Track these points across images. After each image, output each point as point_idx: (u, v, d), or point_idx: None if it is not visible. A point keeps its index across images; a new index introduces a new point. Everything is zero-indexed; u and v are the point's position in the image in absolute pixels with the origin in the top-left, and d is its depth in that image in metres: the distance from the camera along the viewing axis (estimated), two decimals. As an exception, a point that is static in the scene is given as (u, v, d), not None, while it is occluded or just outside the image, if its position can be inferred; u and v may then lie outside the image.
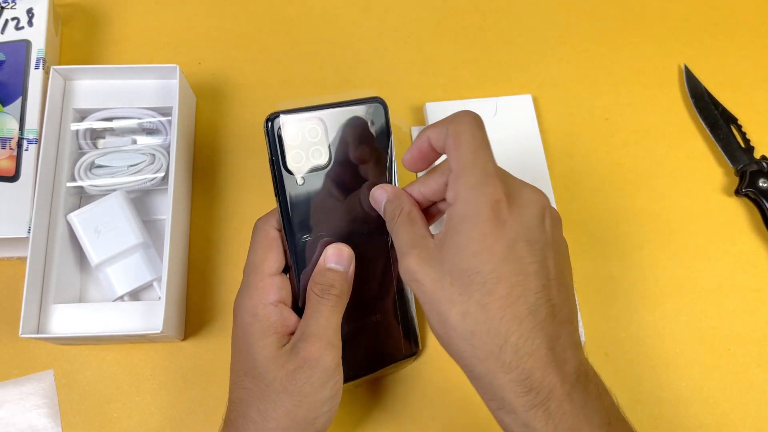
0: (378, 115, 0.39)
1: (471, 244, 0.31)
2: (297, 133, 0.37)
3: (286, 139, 0.37)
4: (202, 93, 0.53)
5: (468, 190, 0.32)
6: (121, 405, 0.45)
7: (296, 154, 0.37)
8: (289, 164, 0.37)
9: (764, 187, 0.50)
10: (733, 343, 0.47)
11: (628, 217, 0.51)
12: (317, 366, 0.34)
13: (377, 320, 0.41)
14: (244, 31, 0.55)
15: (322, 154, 0.38)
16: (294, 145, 0.37)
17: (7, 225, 0.45)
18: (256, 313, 0.35)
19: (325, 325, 0.35)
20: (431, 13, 0.57)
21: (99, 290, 0.47)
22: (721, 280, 0.49)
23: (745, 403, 0.46)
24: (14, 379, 0.45)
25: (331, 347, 0.34)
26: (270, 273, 0.36)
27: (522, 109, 0.52)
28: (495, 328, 0.31)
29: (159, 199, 0.49)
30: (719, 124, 0.53)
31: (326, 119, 0.38)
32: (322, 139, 0.38)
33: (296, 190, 0.37)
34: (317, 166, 0.38)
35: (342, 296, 0.36)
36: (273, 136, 0.37)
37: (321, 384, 0.34)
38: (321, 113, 0.38)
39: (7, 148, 0.47)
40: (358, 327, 0.40)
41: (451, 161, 0.34)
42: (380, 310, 0.41)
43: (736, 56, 0.56)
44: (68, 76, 0.48)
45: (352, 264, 0.37)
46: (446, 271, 0.32)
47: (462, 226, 0.32)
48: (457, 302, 0.31)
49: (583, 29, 0.57)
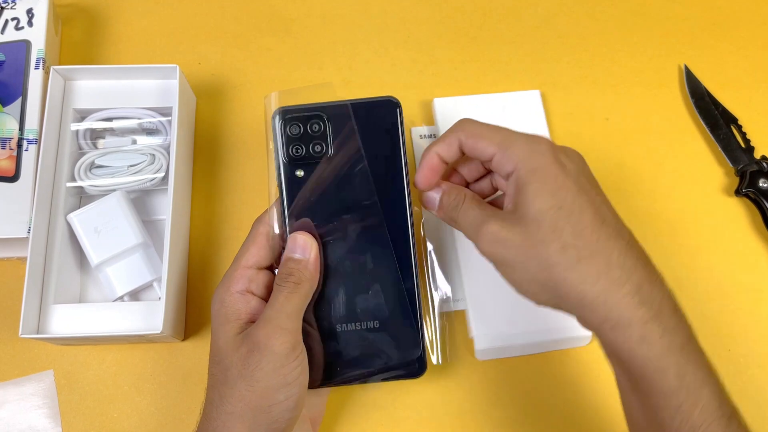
0: (388, 114, 0.38)
1: (547, 186, 0.34)
2: (300, 125, 0.38)
3: (288, 131, 0.37)
4: (202, 93, 0.53)
5: (525, 150, 0.36)
6: (121, 405, 0.45)
7: (297, 147, 0.38)
8: (289, 155, 0.38)
9: (764, 187, 0.50)
10: (733, 343, 0.47)
11: (627, 217, 0.50)
12: (266, 350, 0.34)
13: (376, 326, 0.39)
14: (244, 31, 0.55)
15: (324, 149, 0.38)
16: (295, 138, 0.38)
17: (7, 225, 0.45)
18: (223, 300, 0.37)
19: (279, 309, 0.35)
20: (431, 13, 0.57)
21: (99, 290, 0.47)
22: (721, 280, 0.49)
23: (745, 403, 0.46)
24: (14, 379, 0.45)
25: (283, 332, 0.34)
26: (245, 265, 0.37)
27: (530, 105, 0.52)
28: (597, 250, 0.33)
29: (159, 199, 0.49)
30: (719, 124, 0.53)
31: (331, 114, 0.38)
32: (324, 134, 0.38)
33: (296, 182, 0.38)
34: (318, 160, 0.38)
35: (301, 283, 0.36)
36: (276, 126, 0.37)
37: (272, 370, 0.34)
38: (326, 108, 0.38)
39: (7, 148, 0.47)
40: (351, 328, 0.38)
41: (486, 146, 0.37)
42: (381, 315, 0.39)
43: (736, 56, 0.56)
44: (68, 76, 0.48)
45: (313, 251, 0.37)
46: (531, 219, 0.34)
47: (533, 177, 0.35)
48: (552, 239, 0.33)
49: (583, 29, 0.56)
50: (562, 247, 0.33)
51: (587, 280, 0.33)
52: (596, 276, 0.33)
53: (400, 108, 0.39)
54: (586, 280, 0.33)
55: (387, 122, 0.38)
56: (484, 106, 0.51)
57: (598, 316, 0.33)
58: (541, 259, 0.33)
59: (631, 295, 0.32)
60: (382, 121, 0.38)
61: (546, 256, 0.33)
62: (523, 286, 0.35)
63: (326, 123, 0.38)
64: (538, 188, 0.34)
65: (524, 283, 0.35)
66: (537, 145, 0.36)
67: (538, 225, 0.34)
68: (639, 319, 0.32)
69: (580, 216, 0.34)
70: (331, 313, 0.38)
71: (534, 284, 0.34)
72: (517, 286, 0.36)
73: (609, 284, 0.32)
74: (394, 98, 0.39)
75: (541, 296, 0.35)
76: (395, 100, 0.39)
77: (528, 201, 0.34)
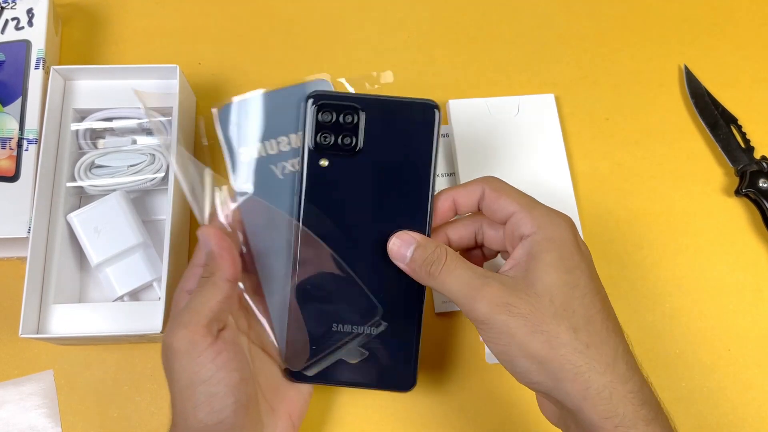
0: (426, 117, 0.37)
1: (564, 261, 0.32)
2: (332, 114, 0.36)
3: (318, 117, 0.36)
4: (202, 93, 0.53)
5: (548, 218, 0.34)
6: (121, 405, 0.45)
7: (326, 135, 0.36)
8: (317, 144, 0.36)
9: (764, 187, 0.50)
10: (733, 343, 0.47)
11: (628, 217, 0.51)
12: (168, 348, 0.33)
13: (376, 332, 0.38)
14: (244, 31, 0.55)
15: (353, 141, 0.37)
16: (326, 126, 0.36)
17: (7, 225, 0.45)
18: (176, 299, 0.37)
19: (184, 307, 0.34)
20: (431, 13, 0.57)
21: (99, 290, 0.47)
22: (721, 280, 0.49)
23: (745, 403, 0.46)
24: (14, 379, 0.45)
25: (180, 327, 0.33)
26: (200, 264, 0.36)
27: (544, 108, 0.51)
28: (605, 341, 0.31)
29: (159, 199, 0.49)
30: (719, 124, 0.53)
31: (365, 107, 0.37)
32: (356, 126, 0.36)
33: (319, 171, 0.37)
34: (345, 152, 0.37)
35: (208, 277, 0.34)
36: (307, 111, 0.36)
37: (181, 368, 0.32)
38: (362, 100, 0.37)
39: (7, 148, 0.47)
40: (347, 330, 0.38)
41: (509, 204, 0.35)
42: (383, 322, 0.38)
43: (736, 56, 0.56)
44: (68, 76, 0.48)
45: (219, 242, 0.35)
46: (543, 291, 0.32)
47: (551, 246, 0.33)
48: (564, 317, 0.31)
49: (583, 29, 0.57)
50: (574, 329, 0.31)
51: (595, 368, 0.31)
52: (604, 366, 0.31)
53: (439, 112, 0.37)
54: (595, 369, 0.31)
55: (423, 125, 0.37)
56: (498, 109, 0.51)
57: (600, 411, 0.30)
58: (549, 336, 0.31)
59: (634, 393, 0.31)
60: (418, 123, 0.37)
61: (555, 333, 0.31)
62: (517, 361, 0.32)
63: (360, 115, 0.36)
64: (555, 260, 0.32)
65: (520, 357, 0.32)
66: (560, 218, 0.34)
67: (551, 299, 0.32)
68: (643, 419, 0.30)
69: (592, 301, 0.32)
70: (328, 309, 0.37)
71: (531, 361, 0.31)
72: (509, 359, 0.32)
73: (615, 378, 0.31)
74: (433, 101, 0.37)
75: (535, 376, 0.32)
76: (434, 103, 0.37)
77: (542, 270, 0.32)
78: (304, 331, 0.37)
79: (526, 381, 0.33)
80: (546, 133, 0.51)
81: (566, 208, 0.48)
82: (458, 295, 0.33)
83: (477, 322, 0.33)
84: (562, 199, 0.49)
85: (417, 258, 0.35)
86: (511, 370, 0.33)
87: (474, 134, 0.50)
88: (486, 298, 0.32)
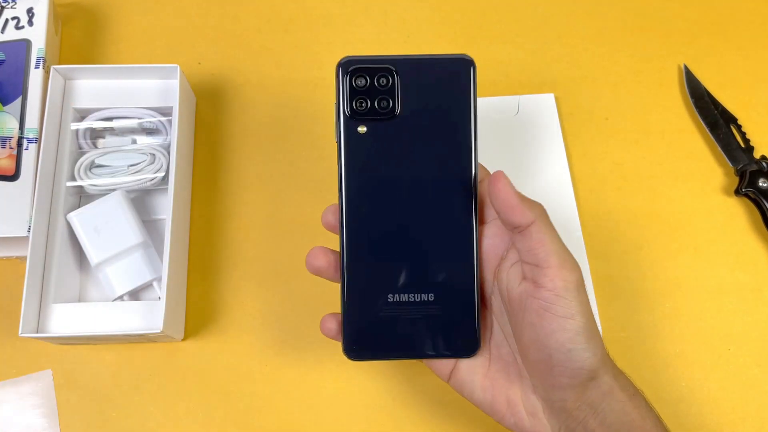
0: (462, 73, 0.35)
1: None
2: (365, 78, 0.35)
3: (352, 83, 0.35)
4: (202, 93, 0.53)
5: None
6: (120, 405, 0.45)
7: (361, 101, 0.35)
8: (353, 110, 0.35)
9: (764, 187, 0.50)
10: (733, 343, 0.47)
11: (628, 217, 0.51)
12: None
13: (431, 299, 0.36)
14: (244, 31, 0.56)
15: (390, 104, 0.35)
16: (360, 91, 0.35)
17: (7, 224, 0.45)
18: None
19: None
20: (431, 13, 0.57)
21: (99, 290, 0.47)
22: (721, 280, 0.49)
23: (745, 403, 0.46)
24: (12, 378, 0.45)
25: None
26: None
27: (544, 108, 0.51)
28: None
29: (159, 198, 0.49)
30: (719, 124, 0.53)
31: (400, 68, 0.36)
32: (391, 89, 0.35)
33: (357, 138, 0.35)
34: (383, 116, 0.35)
35: None
36: (339, 78, 0.35)
37: None
38: (395, 61, 0.36)
39: (7, 148, 0.47)
40: (406, 300, 0.36)
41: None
42: (440, 290, 0.36)
43: (736, 56, 0.56)
44: (68, 75, 0.48)
45: None
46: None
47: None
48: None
49: (582, 29, 0.57)
50: None
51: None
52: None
53: (474, 67, 0.35)
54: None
55: (459, 81, 0.36)
56: (498, 108, 0.51)
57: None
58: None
59: None
60: (455, 80, 0.36)
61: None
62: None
63: (395, 77, 0.35)
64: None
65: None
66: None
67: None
68: None
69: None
70: (382, 280, 0.36)
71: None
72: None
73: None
74: (468, 56, 0.36)
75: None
76: (469, 57, 0.36)
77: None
78: (359, 305, 0.36)
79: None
80: (546, 132, 0.51)
81: (566, 208, 0.48)
82: None
83: None
84: (561, 199, 0.49)
85: None
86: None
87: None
88: None
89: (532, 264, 0.33)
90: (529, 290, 0.33)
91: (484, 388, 0.36)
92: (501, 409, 0.35)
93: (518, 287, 0.34)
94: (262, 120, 0.53)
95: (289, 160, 0.51)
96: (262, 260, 0.49)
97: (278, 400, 0.45)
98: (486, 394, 0.36)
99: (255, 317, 0.47)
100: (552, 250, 0.33)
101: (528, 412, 0.35)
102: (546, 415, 0.35)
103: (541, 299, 0.33)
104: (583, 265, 0.47)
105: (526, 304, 0.33)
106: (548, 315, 0.32)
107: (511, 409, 0.35)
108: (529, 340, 0.34)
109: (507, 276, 0.35)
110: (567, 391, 0.33)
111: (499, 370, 0.36)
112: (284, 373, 0.46)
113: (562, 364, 0.33)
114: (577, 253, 0.46)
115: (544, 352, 0.33)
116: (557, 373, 0.33)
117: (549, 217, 0.34)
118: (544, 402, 0.35)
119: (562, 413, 0.34)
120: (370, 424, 0.45)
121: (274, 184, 0.51)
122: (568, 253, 0.34)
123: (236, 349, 0.46)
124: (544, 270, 0.33)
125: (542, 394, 0.35)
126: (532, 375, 0.35)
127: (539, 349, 0.33)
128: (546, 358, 0.33)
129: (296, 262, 0.48)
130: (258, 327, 0.47)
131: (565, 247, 0.34)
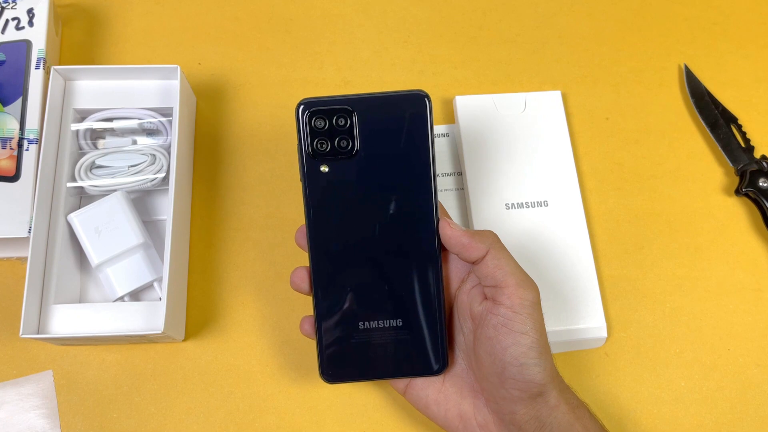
0: (417, 108, 0.37)
1: None
2: (324, 120, 0.37)
3: (312, 125, 0.36)
4: (202, 93, 0.53)
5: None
6: (120, 405, 0.45)
7: (322, 141, 0.37)
8: (314, 150, 0.37)
9: (764, 186, 0.50)
10: (733, 343, 0.47)
11: (628, 217, 0.51)
12: None
13: (400, 324, 0.38)
14: (244, 31, 0.55)
15: (350, 144, 0.37)
16: (320, 132, 0.37)
17: (8, 225, 0.45)
18: None
19: None
20: (431, 13, 0.57)
21: (99, 291, 0.47)
22: (721, 280, 0.49)
23: (745, 403, 0.46)
24: (13, 379, 0.45)
25: None
26: None
27: (550, 105, 0.51)
28: None
29: (159, 199, 0.49)
30: (719, 123, 0.53)
31: (357, 108, 0.37)
32: (350, 129, 0.37)
33: (319, 176, 0.37)
34: (344, 155, 0.37)
35: None
36: (299, 120, 0.37)
37: None
38: (352, 101, 0.37)
39: (7, 148, 0.47)
40: (376, 326, 0.38)
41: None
42: (406, 315, 0.38)
43: (736, 56, 0.56)
44: (68, 76, 0.48)
45: None
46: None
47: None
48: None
49: (583, 29, 0.57)
50: None
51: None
52: None
53: (430, 102, 0.37)
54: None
55: (416, 117, 0.37)
56: (505, 105, 0.51)
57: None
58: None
59: None
60: (411, 115, 0.37)
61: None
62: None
63: (353, 117, 0.37)
64: None
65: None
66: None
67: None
68: None
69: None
70: (351, 310, 0.38)
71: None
72: None
73: None
74: (423, 91, 0.37)
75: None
76: (424, 93, 0.37)
77: None
78: (332, 333, 0.38)
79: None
80: (553, 129, 0.51)
81: (573, 205, 0.48)
82: None
83: None
84: (568, 195, 0.49)
85: None
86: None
87: (480, 131, 0.50)
88: None
89: (492, 286, 0.36)
90: (489, 307, 0.36)
91: (438, 402, 0.38)
92: (454, 422, 0.37)
93: (479, 306, 0.37)
94: (262, 120, 0.53)
95: (289, 161, 0.51)
96: (262, 260, 0.49)
97: (279, 400, 0.45)
98: (440, 408, 0.38)
99: (255, 318, 0.47)
100: (509, 272, 0.35)
101: (480, 425, 0.37)
102: (497, 428, 0.36)
103: (499, 315, 0.35)
104: (589, 263, 0.47)
105: (485, 320, 0.36)
106: (505, 330, 0.35)
107: (464, 422, 0.37)
108: (485, 353, 0.36)
109: (469, 296, 0.38)
110: (517, 404, 0.35)
111: (453, 385, 0.38)
112: (285, 373, 0.46)
113: (513, 377, 0.34)
114: (582, 248, 0.47)
115: (498, 365, 0.35)
116: (509, 385, 0.35)
117: (501, 242, 0.37)
118: (496, 415, 0.36)
119: (512, 426, 0.35)
120: (370, 424, 0.45)
121: (274, 184, 0.51)
122: (525, 275, 0.36)
123: (237, 349, 0.46)
124: (502, 289, 0.35)
125: (494, 407, 0.36)
126: (486, 388, 0.37)
127: (494, 362, 0.35)
128: (500, 370, 0.35)
129: (296, 263, 0.48)
130: (258, 327, 0.47)
131: (521, 269, 0.36)
